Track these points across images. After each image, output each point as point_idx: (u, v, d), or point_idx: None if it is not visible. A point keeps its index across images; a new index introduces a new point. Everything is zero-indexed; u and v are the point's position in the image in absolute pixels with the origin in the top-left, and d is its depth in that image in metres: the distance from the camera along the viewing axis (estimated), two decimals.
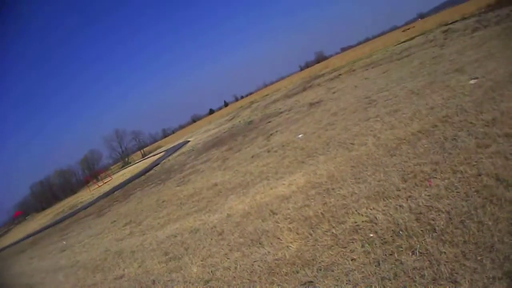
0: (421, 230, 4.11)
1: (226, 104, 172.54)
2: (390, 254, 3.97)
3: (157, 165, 32.36)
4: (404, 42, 32.76)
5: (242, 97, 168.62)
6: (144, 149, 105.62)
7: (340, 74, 29.97)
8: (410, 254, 3.82)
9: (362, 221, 4.86)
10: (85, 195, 47.11)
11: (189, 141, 44.69)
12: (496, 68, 9.16)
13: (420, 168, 5.52)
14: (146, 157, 74.39)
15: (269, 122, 20.43)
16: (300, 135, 12.13)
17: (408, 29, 64.29)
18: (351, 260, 4.19)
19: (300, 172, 8.14)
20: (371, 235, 4.48)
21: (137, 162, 70.83)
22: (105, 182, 52.82)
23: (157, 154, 57.01)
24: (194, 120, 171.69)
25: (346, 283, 3.85)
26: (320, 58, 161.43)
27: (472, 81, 8.98)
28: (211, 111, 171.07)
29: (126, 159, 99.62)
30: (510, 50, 10.71)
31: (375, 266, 3.90)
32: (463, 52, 13.63)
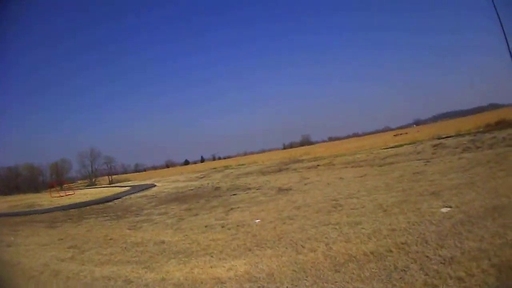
0: None
1: (202, 160, 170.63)
2: None
3: (118, 198, 32.78)
4: (391, 147, 33.69)
5: (219, 158, 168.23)
6: (113, 176, 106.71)
7: (318, 165, 31.10)
8: None
9: None
10: (45, 199, 46.89)
11: (155, 185, 45.94)
12: (473, 200, 9.22)
13: None
14: (112, 185, 76.43)
15: (235, 194, 20.98)
16: (258, 220, 12.23)
17: (400, 134, 66.14)
18: None
19: (244, 259, 8.08)
20: None
21: (102, 187, 72.35)
22: (67, 195, 52.83)
23: (123, 187, 57.69)
24: (167, 165, 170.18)
25: None
26: (305, 142, 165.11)
27: (444, 209, 8.93)
28: (186, 162, 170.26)
29: (94, 180, 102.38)
30: (493, 182, 10.87)
31: None
32: (446, 174, 13.91)
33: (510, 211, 7.55)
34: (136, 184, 59.81)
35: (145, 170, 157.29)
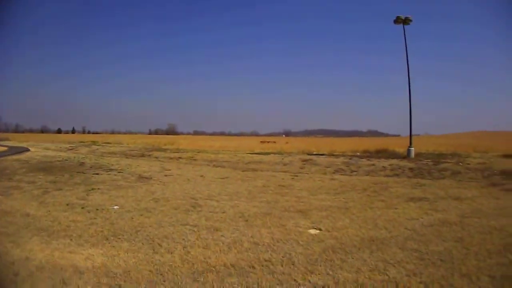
0: None
1: (73, 131, 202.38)
2: None
3: None
4: (257, 153, 34.48)
5: (89, 132, 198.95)
6: None
7: (180, 158, 32.82)
8: None
9: None
10: None
11: (29, 150, 51.11)
12: (346, 226, 9.22)
13: None
14: None
15: (97, 174, 22.00)
16: (116, 207, 12.32)
17: (268, 142, 67.97)
18: None
19: (101, 249, 7.85)
20: None
21: None
22: None
23: (2, 146, 63.48)
24: (42, 131, 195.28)
25: None
26: (171, 131, 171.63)
27: (312, 231, 8.81)
28: (59, 131, 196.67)
29: None
30: (371, 212, 11.01)
31: None
32: (315, 193, 14.18)
33: (391, 247, 7.54)
34: (13, 145, 67.82)
35: (23, 132, 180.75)
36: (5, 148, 54.77)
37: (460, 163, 23.81)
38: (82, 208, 12.14)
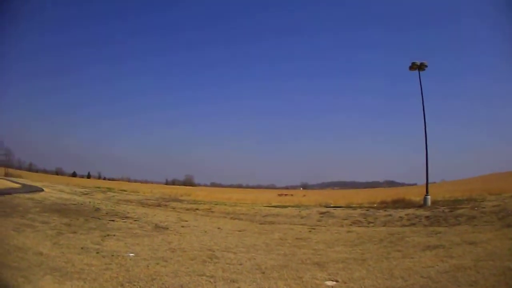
0: None
1: (88, 176, 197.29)
2: None
3: (9, 194, 34.49)
4: (274, 206, 34.44)
5: (104, 178, 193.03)
6: (9, 169, 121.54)
7: (197, 209, 32.42)
8: None
9: None
10: None
11: (43, 190, 48.74)
12: (363, 278, 9.16)
13: None
14: (6, 178, 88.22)
15: (113, 220, 21.46)
16: (132, 254, 12.17)
17: (285, 195, 67.92)
18: None
19: None
20: None
21: None
22: None
23: (16, 182, 65.47)
24: (57, 172, 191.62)
25: None
26: (188, 182, 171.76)
27: (329, 283, 8.78)
28: (74, 174, 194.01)
29: None
30: (387, 262, 10.93)
31: None
32: (332, 246, 14.07)
33: None
34: (27, 183, 66.86)
35: (37, 171, 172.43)
36: (19, 186, 55.13)
37: (476, 208, 23.52)
38: (97, 252, 12.11)
